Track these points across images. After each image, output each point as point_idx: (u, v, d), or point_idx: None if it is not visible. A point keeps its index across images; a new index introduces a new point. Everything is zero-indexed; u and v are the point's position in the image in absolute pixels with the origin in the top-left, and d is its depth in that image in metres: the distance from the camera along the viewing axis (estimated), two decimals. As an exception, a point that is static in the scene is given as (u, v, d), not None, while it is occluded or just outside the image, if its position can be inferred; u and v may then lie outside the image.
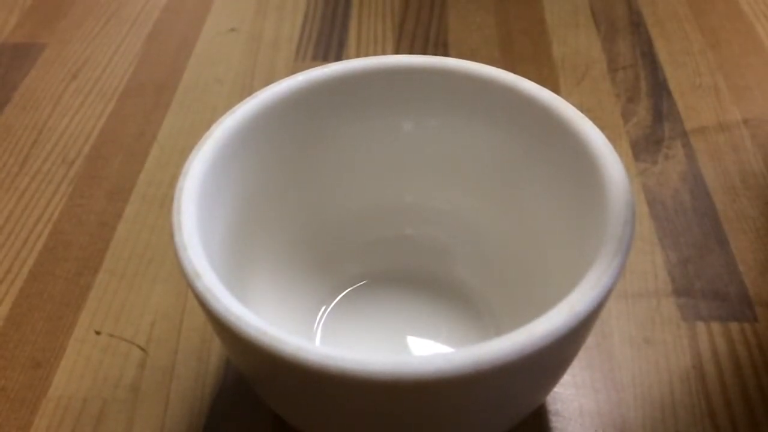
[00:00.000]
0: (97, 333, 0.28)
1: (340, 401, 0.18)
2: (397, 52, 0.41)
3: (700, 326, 0.28)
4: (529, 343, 0.17)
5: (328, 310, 0.27)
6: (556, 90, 0.38)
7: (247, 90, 0.38)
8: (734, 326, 0.28)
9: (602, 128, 0.22)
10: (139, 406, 0.26)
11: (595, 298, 0.18)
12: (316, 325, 0.27)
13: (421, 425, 0.19)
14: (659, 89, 0.38)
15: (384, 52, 0.41)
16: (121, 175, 0.34)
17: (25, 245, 0.31)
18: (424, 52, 0.41)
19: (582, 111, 0.23)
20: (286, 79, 0.24)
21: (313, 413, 0.20)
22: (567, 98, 0.37)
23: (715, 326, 0.28)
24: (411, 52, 0.41)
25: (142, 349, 0.27)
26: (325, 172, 0.26)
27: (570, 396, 0.26)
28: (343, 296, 0.27)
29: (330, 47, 0.41)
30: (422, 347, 0.26)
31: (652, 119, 0.36)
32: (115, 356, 0.27)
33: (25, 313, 0.28)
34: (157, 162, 0.35)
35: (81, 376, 0.26)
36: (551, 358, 0.19)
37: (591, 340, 0.27)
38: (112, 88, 0.39)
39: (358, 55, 0.41)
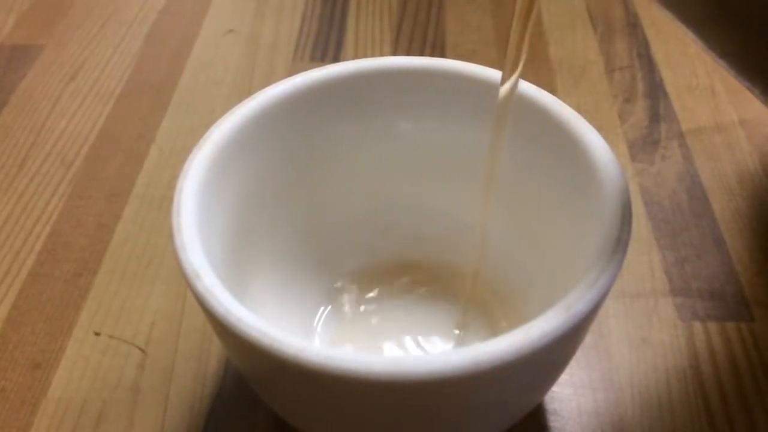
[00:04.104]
0: (97, 334, 0.28)
1: (341, 401, 0.18)
2: (394, 53, 0.41)
3: (697, 326, 0.28)
4: (528, 343, 0.17)
5: (328, 310, 0.27)
6: (553, 91, 0.38)
7: (245, 91, 0.39)
8: (731, 326, 0.28)
9: (599, 129, 0.23)
10: (139, 406, 0.26)
11: (592, 298, 0.18)
12: (315, 325, 0.27)
13: (421, 425, 0.19)
14: (656, 90, 0.38)
15: (381, 53, 0.41)
16: (119, 176, 0.34)
17: (24, 246, 0.31)
18: (422, 54, 0.41)
19: (579, 112, 0.23)
20: (284, 80, 0.24)
21: (314, 413, 0.20)
22: (564, 99, 0.37)
23: (712, 326, 0.28)
24: (408, 53, 0.41)
25: (142, 350, 0.27)
26: (324, 173, 0.26)
27: (568, 395, 0.26)
28: (343, 296, 0.27)
29: (328, 48, 0.41)
30: (422, 347, 0.26)
31: (648, 120, 0.36)
32: (115, 357, 0.27)
33: (25, 315, 0.28)
34: (156, 163, 0.35)
35: (81, 377, 0.27)
36: (549, 358, 0.19)
37: (589, 340, 0.27)
38: (110, 90, 0.39)
39: (355, 56, 0.41)
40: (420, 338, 0.26)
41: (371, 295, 0.28)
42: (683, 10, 0.19)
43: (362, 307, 0.27)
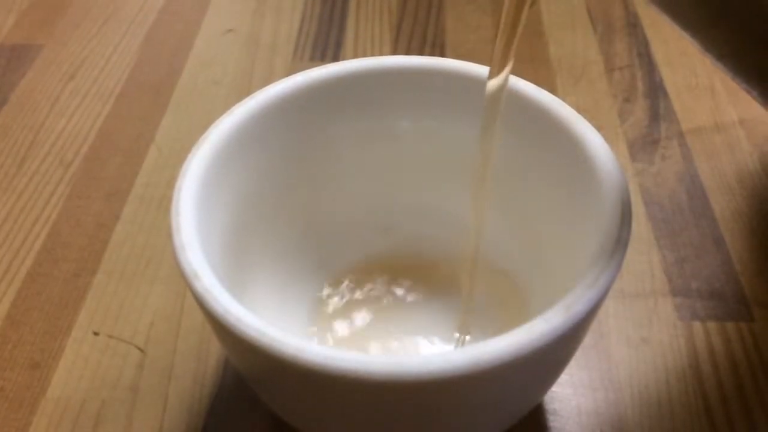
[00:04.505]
0: (96, 334, 0.28)
1: (340, 401, 0.18)
2: (394, 52, 0.41)
3: (697, 326, 0.28)
4: (527, 343, 0.17)
5: (328, 309, 0.27)
6: (553, 90, 0.38)
7: (244, 91, 0.39)
8: (730, 326, 0.28)
9: (599, 128, 0.22)
10: (138, 406, 0.26)
11: (592, 298, 0.18)
12: (315, 325, 0.27)
13: (421, 425, 0.19)
14: (656, 90, 0.38)
15: (381, 53, 0.41)
16: (118, 176, 0.34)
17: (23, 246, 0.31)
18: (421, 53, 0.41)
19: (579, 111, 0.23)
20: (283, 80, 0.24)
21: (313, 413, 0.20)
22: (564, 99, 0.37)
23: (712, 326, 0.28)
24: (408, 52, 0.41)
25: (141, 350, 0.27)
26: (323, 173, 0.26)
27: (568, 395, 0.26)
28: (343, 296, 0.27)
29: (327, 48, 0.41)
30: (422, 347, 0.26)
31: (648, 120, 0.36)
32: (114, 357, 0.27)
33: (24, 314, 0.28)
34: (155, 163, 0.35)
35: (79, 377, 0.26)
36: (549, 358, 0.19)
37: (588, 340, 0.27)
38: (109, 89, 0.39)
39: (355, 56, 0.41)
40: (420, 338, 0.26)
41: (370, 295, 0.28)
42: (680, 13, 0.19)
43: (362, 307, 0.27)
